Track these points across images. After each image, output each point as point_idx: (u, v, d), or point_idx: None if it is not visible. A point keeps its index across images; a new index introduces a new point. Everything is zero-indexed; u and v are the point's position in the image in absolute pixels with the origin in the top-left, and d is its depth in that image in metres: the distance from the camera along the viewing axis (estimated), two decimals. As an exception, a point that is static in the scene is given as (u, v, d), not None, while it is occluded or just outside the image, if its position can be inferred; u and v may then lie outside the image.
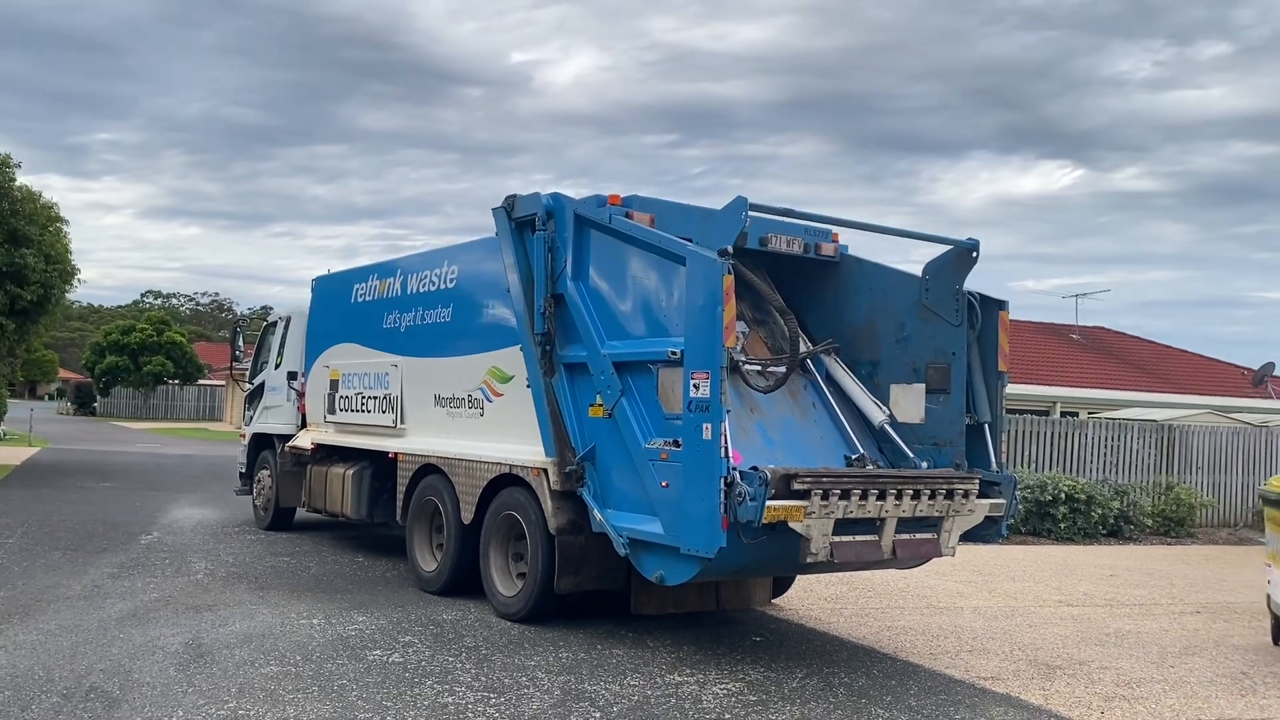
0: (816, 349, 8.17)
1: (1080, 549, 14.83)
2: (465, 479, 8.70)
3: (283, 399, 12.83)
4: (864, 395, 8.05)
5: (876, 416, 7.94)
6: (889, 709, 6.16)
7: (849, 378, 8.16)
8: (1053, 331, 31.42)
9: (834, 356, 8.23)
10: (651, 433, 6.84)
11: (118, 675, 6.15)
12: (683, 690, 6.35)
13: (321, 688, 6.05)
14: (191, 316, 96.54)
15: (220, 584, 9.18)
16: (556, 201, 7.84)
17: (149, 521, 13.29)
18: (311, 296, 12.45)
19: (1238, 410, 23.71)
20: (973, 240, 7.63)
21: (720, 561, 6.35)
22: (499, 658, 6.92)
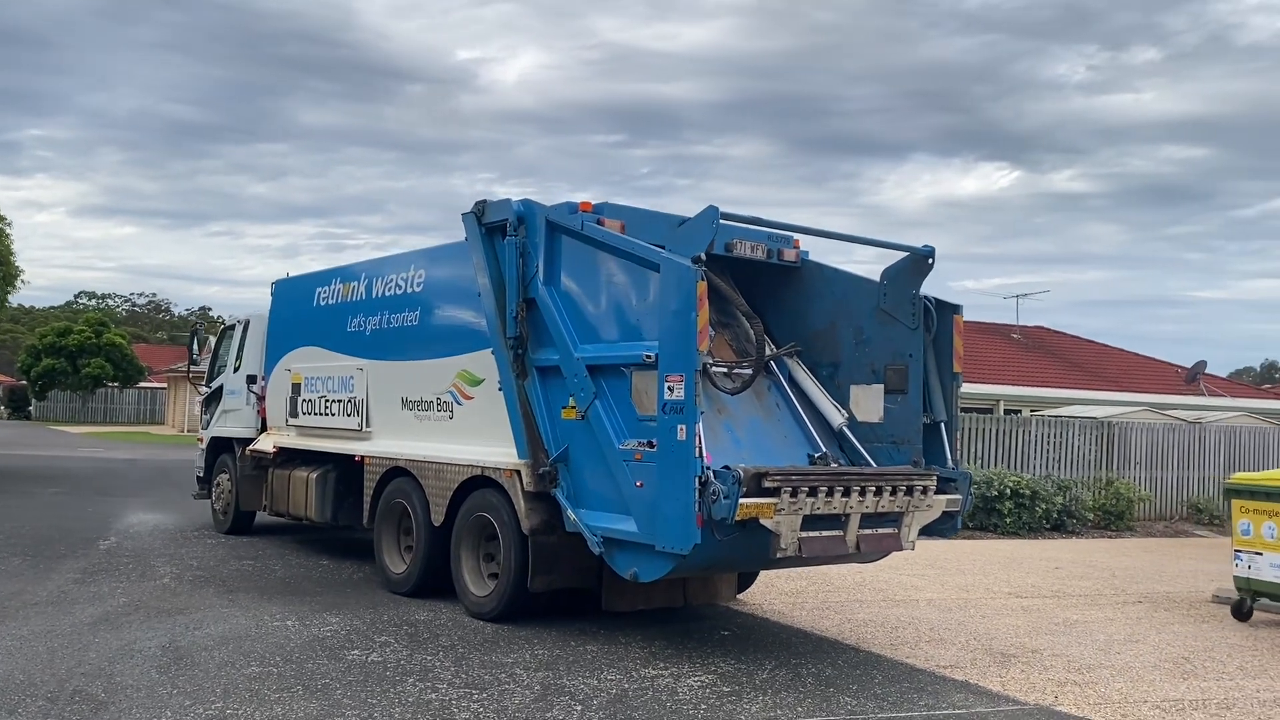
0: (780, 352, 8.44)
1: (1026, 543, 15.32)
2: (435, 481, 8.82)
3: (242, 402, 12.81)
4: (824, 398, 8.34)
5: (835, 419, 8.24)
6: (856, 697, 6.43)
7: (810, 381, 8.45)
8: (995, 331, 32.20)
9: (796, 359, 8.52)
10: (626, 434, 7.05)
11: (100, 678, 6.20)
12: (659, 683, 6.56)
13: (305, 687, 6.16)
14: (128, 317, 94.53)
15: (188, 588, 9.20)
16: (528, 207, 8.01)
17: (105, 527, 13.18)
18: (271, 300, 12.46)
19: (1172, 407, 24.53)
20: (929, 247, 7.95)
21: (694, 558, 6.58)
22: (476, 656, 7.08)
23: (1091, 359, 32.01)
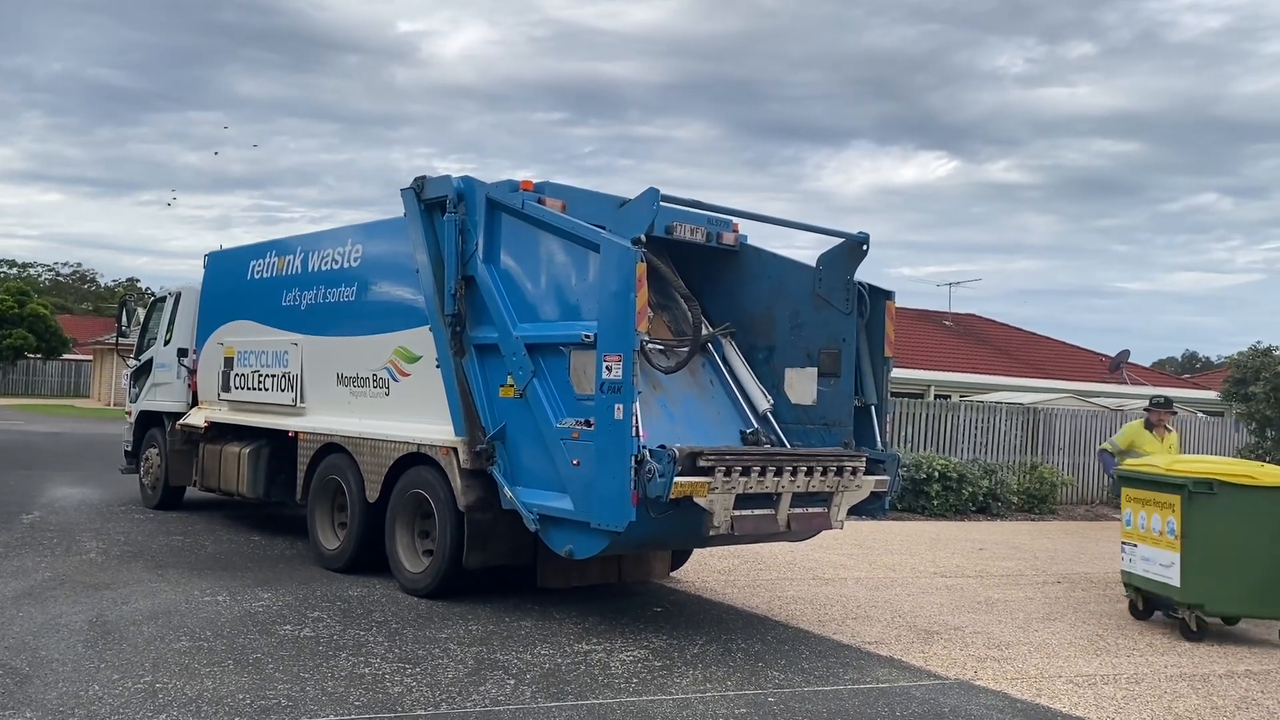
0: (715, 331, 8.57)
1: (952, 524, 15.71)
2: (370, 458, 8.79)
3: (173, 376, 12.60)
4: (753, 382, 8.51)
5: (762, 404, 8.43)
6: (784, 671, 6.59)
7: (741, 364, 8.61)
8: (927, 318, 32.81)
9: (730, 340, 8.65)
10: (563, 413, 7.10)
11: (24, 653, 6.11)
12: (591, 658, 6.66)
13: (236, 661, 6.14)
14: (52, 287, 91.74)
15: (115, 562, 9.06)
16: (468, 185, 7.99)
17: (28, 500, 12.88)
18: (204, 272, 12.25)
19: (1096, 394, 25.28)
20: (863, 234, 8.11)
21: (629, 535, 6.68)
22: (410, 631, 7.10)
23: (1020, 347, 32.78)
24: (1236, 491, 8.19)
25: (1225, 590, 8.18)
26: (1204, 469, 8.43)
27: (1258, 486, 8.16)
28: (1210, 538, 8.18)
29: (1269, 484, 8.17)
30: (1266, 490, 8.16)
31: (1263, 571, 8.13)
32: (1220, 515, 8.18)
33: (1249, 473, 8.30)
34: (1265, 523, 8.13)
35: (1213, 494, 8.19)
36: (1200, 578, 8.19)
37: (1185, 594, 8.23)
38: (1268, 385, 18.30)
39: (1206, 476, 8.25)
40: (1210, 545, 8.18)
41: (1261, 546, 8.12)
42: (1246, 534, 8.12)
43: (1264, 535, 8.12)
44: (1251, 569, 8.13)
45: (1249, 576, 8.15)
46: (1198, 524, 8.22)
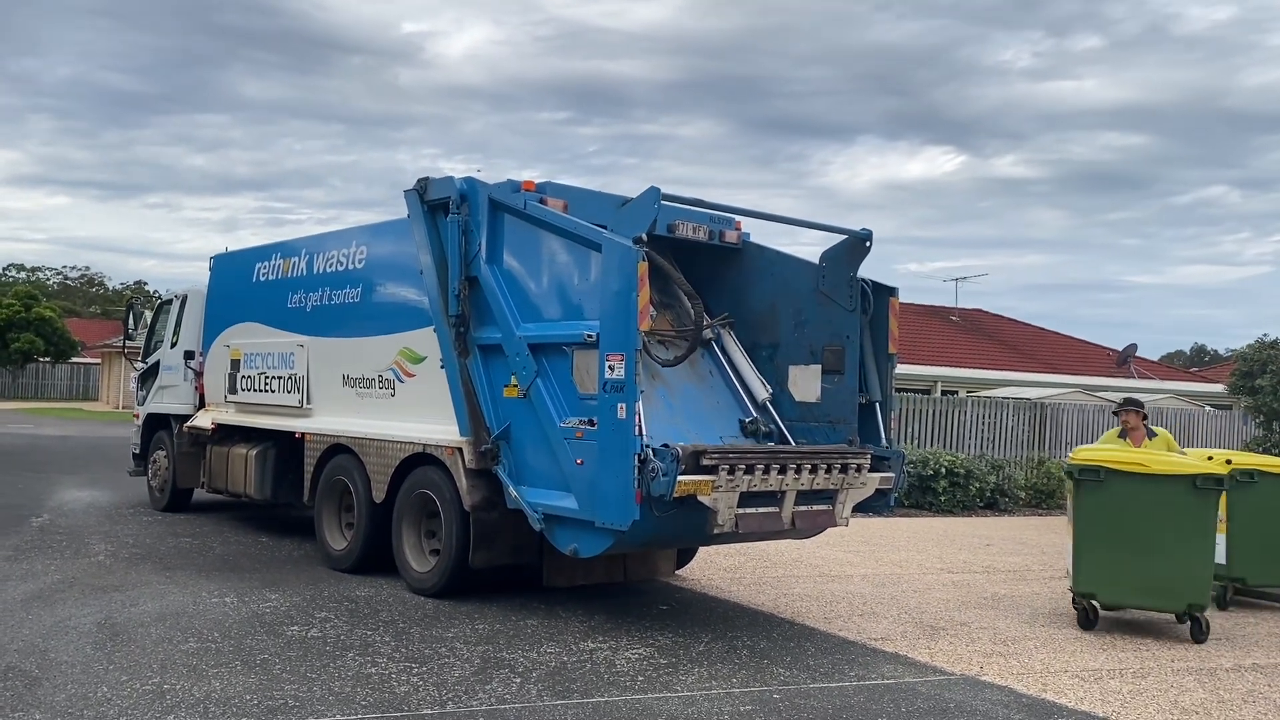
0: (714, 322, 8.59)
1: (959, 520, 15.71)
2: (377, 458, 8.82)
3: (179, 379, 12.64)
4: (752, 372, 8.56)
5: (760, 394, 8.47)
6: (789, 668, 6.60)
7: (740, 354, 8.65)
8: (934, 313, 32.76)
9: (729, 330, 8.68)
10: (566, 412, 7.13)
11: (33, 655, 6.16)
12: (597, 656, 6.68)
13: (244, 662, 6.18)
14: (60, 291, 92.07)
15: (124, 565, 9.11)
16: (470, 185, 8.02)
17: (37, 504, 12.95)
18: (210, 275, 12.29)
19: (1103, 389, 25.20)
20: (866, 231, 8.11)
21: (633, 534, 6.70)
22: (417, 630, 7.13)
23: (1027, 341, 32.71)
24: (1125, 480, 7.89)
25: (1117, 580, 7.97)
26: (1092, 455, 8.16)
27: (1148, 475, 7.85)
28: (1100, 526, 7.97)
29: (1160, 472, 7.85)
30: (1156, 479, 7.84)
31: (1155, 562, 7.86)
32: (1109, 503, 7.92)
33: (1139, 460, 7.99)
34: (1156, 512, 7.83)
35: (1100, 481, 7.95)
36: (1092, 567, 8.04)
37: (1078, 584, 8.13)
38: (1275, 378, 18.26)
39: (1094, 464, 7.98)
40: (1100, 534, 7.98)
41: (1153, 536, 7.86)
42: (1136, 523, 7.87)
43: (1155, 525, 7.84)
44: (1143, 559, 7.87)
45: (1141, 567, 7.89)
46: (1086, 512, 8.03)
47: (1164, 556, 7.82)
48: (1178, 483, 7.80)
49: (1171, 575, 7.83)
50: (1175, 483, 7.80)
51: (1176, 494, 7.79)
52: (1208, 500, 7.82)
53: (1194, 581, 7.85)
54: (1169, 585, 7.85)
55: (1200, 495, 7.78)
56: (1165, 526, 7.82)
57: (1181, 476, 7.81)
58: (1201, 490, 7.78)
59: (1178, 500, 7.79)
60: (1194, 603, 7.85)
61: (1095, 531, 8.01)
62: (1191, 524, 7.81)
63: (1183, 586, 7.83)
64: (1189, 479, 7.79)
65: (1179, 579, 7.83)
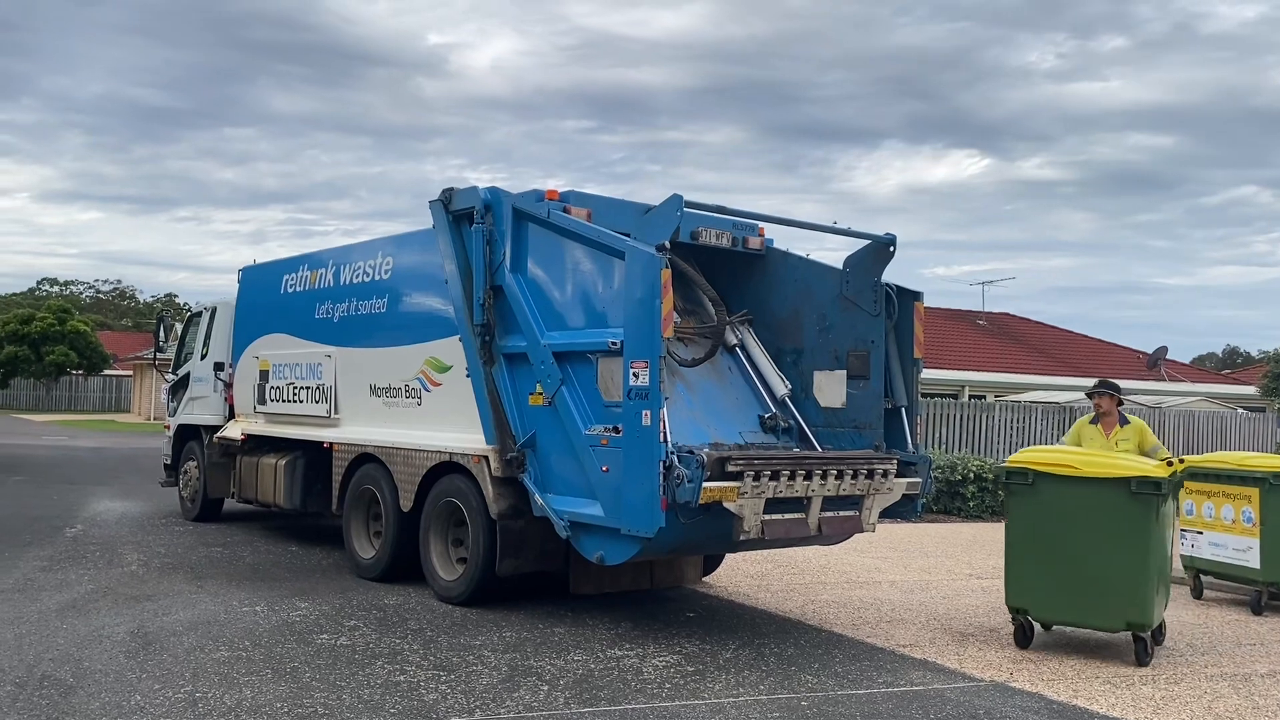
0: (732, 319, 8.58)
1: (988, 526, 15.58)
2: (404, 467, 8.88)
3: (209, 390, 12.78)
4: (771, 369, 8.57)
5: (780, 389, 8.48)
6: (817, 675, 6.58)
7: (759, 350, 8.66)
8: (961, 317, 32.58)
9: (748, 327, 8.71)
10: (592, 420, 7.15)
11: (68, 664, 6.24)
12: (624, 663, 6.68)
13: (274, 670, 6.23)
14: (92, 304, 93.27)
15: (156, 574, 9.21)
16: (494, 195, 8.07)
17: (70, 515, 13.13)
18: (239, 287, 12.44)
19: (1133, 392, 24.96)
20: (890, 235, 8.09)
21: (659, 541, 6.70)
22: (445, 639, 7.17)
23: (1055, 344, 32.46)
24: (1055, 483, 7.20)
25: (1050, 594, 7.26)
26: (1021, 457, 7.51)
27: (1079, 478, 7.12)
28: (1031, 535, 7.33)
29: (1092, 475, 7.10)
30: (1088, 482, 7.10)
31: (1089, 575, 7.10)
32: (1039, 510, 7.29)
33: (1069, 461, 7.25)
34: (1089, 519, 7.10)
35: (1030, 485, 7.28)
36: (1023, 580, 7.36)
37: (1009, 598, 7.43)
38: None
39: (1023, 466, 7.36)
40: (1031, 543, 7.32)
41: (1086, 546, 7.10)
42: (1067, 531, 7.16)
43: (1088, 533, 7.09)
44: (1076, 572, 7.14)
45: (1074, 580, 7.16)
46: (1015, 519, 7.44)
47: (1098, 569, 7.05)
48: (1112, 487, 7.01)
49: (1107, 590, 7.05)
50: (1109, 487, 7.02)
51: (1111, 499, 7.00)
52: (1146, 506, 6.95)
53: (1133, 597, 7.00)
54: (1105, 601, 7.06)
55: (1137, 501, 6.94)
56: (1099, 536, 7.05)
57: (1116, 480, 7.01)
58: (1138, 495, 6.95)
59: (1112, 506, 7.00)
60: (1134, 621, 7.02)
61: (1026, 541, 7.35)
62: (1128, 533, 6.98)
63: (1120, 602, 7.02)
64: (1124, 482, 6.98)
65: (1115, 594, 7.03)
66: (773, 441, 8.19)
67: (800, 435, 8.36)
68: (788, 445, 8.23)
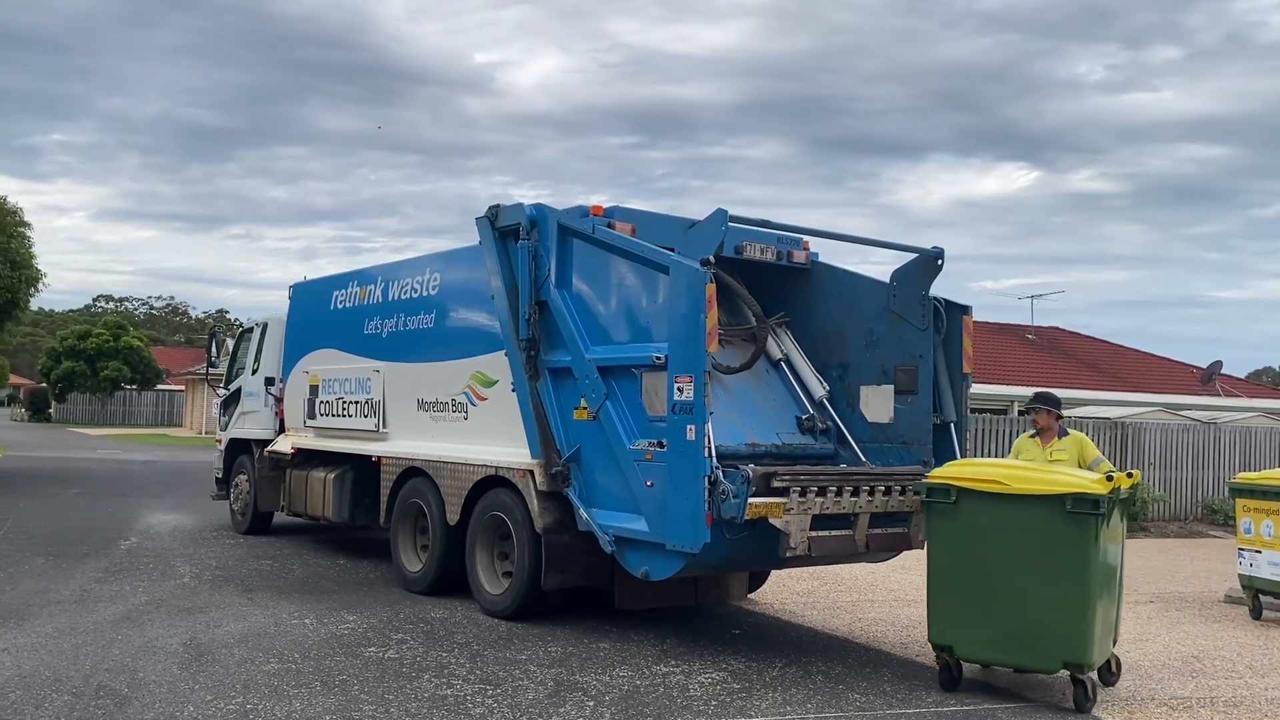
0: (770, 322, 8.55)
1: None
2: (451, 481, 8.94)
3: (260, 404, 12.97)
4: (809, 370, 8.56)
5: (818, 391, 8.46)
6: (865, 694, 6.51)
7: (798, 353, 8.65)
8: (1009, 332, 32.15)
9: (785, 329, 8.71)
10: (636, 434, 7.16)
11: (123, 674, 6.35)
12: (670, 680, 6.66)
13: (323, 683, 6.29)
14: (146, 320, 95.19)
15: (208, 587, 9.35)
16: (540, 212, 8.12)
17: (125, 527, 13.37)
18: (289, 303, 12.63)
19: (1188, 408, 24.47)
20: (938, 249, 8.03)
21: (704, 557, 6.68)
22: (491, 653, 7.19)
23: (1105, 359, 31.91)
24: (981, 502, 6.33)
25: (976, 629, 6.42)
26: (944, 472, 6.70)
27: (1007, 495, 6.26)
28: (955, 560, 6.49)
29: (1022, 491, 6.23)
30: (1018, 501, 6.23)
31: (1018, 607, 6.26)
32: (964, 532, 6.43)
33: (997, 477, 6.38)
34: (1019, 542, 6.24)
35: (953, 504, 6.44)
36: (947, 613, 6.55)
37: (931, 633, 6.66)
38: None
39: (945, 482, 6.53)
40: (955, 570, 6.50)
41: (1015, 573, 6.25)
42: (995, 556, 6.32)
43: (1018, 559, 6.23)
44: (1004, 603, 6.32)
45: (1002, 613, 6.34)
46: (937, 542, 6.63)
47: (1029, 600, 6.20)
48: (1044, 505, 6.12)
49: (1039, 624, 6.17)
50: (1041, 505, 6.13)
51: (1043, 520, 6.12)
52: (1083, 528, 6.04)
53: (1068, 633, 6.11)
54: (1037, 637, 6.20)
55: (1074, 521, 6.04)
56: (1031, 561, 6.18)
57: (1048, 497, 6.12)
58: (1074, 515, 6.04)
59: (1045, 528, 6.13)
60: (1072, 660, 6.13)
61: (949, 567, 6.49)
62: (1063, 558, 6.09)
63: (1054, 639, 6.15)
64: (1058, 500, 6.10)
65: (1048, 629, 6.16)
66: (810, 443, 8.18)
67: (839, 437, 8.32)
68: (825, 446, 8.20)
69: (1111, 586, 6.49)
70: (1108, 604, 6.42)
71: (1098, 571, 6.14)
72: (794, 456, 8.00)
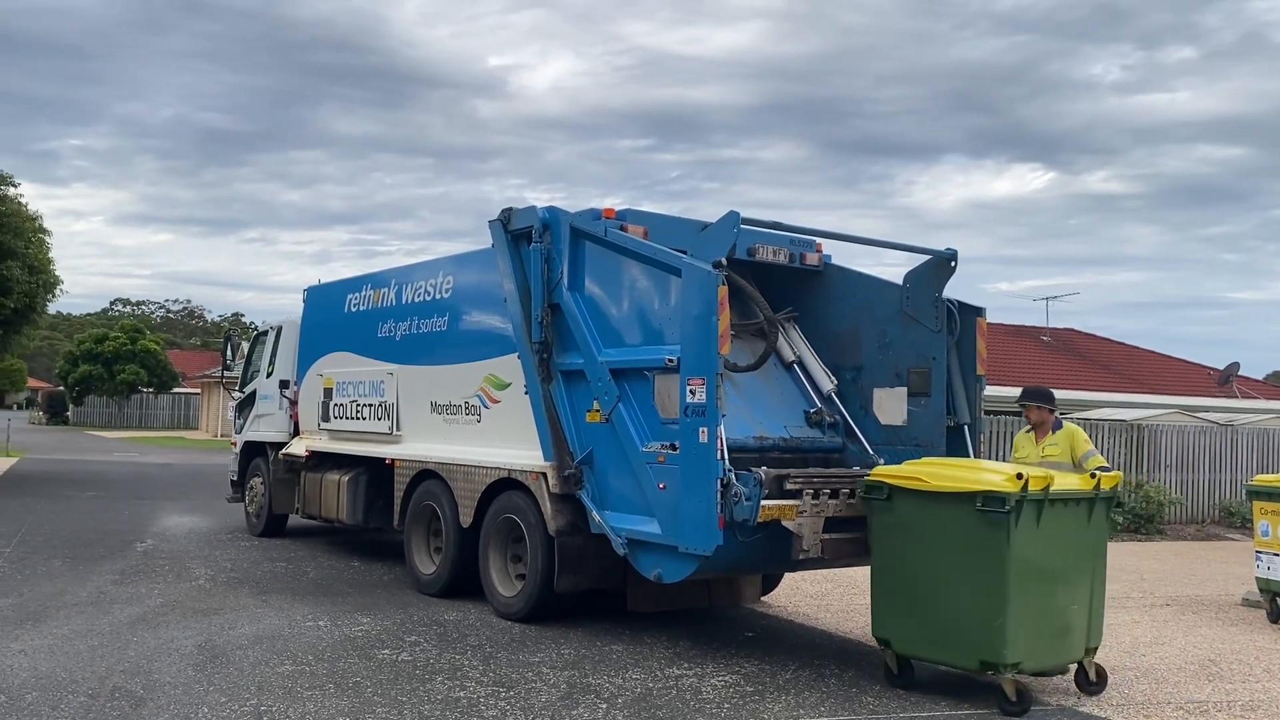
0: (778, 316, 8.52)
1: (1054, 546, 15.23)
2: (464, 484, 8.96)
3: (275, 407, 13.03)
4: (817, 364, 8.53)
5: (826, 385, 8.44)
6: (878, 697, 6.49)
7: (806, 347, 8.62)
8: (1024, 334, 32.01)
9: (793, 324, 8.69)
10: (649, 437, 7.16)
11: (139, 676, 6.38)
12: (683, 683, 6.65)
13: (337, 685, 6.31)
14: (163, 324, 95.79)
15: (222, 589, 9.39)
16: (552, 215, 8.14)
17: (141, 529, 13.45)
18: (304, 306, 12.68)
19: (1204, 409, 24.31)
20: (951, 250, 8.00)
21: (717, 559, 6.67)
22: (504, 655, 7.20)
23: (1121, 360, 31.73)
24: (908, 499, 6.40)
25: (908, 624, 6.49)
26: (883, 470, 6.80)
27: (928, 493, 6.30)
28: (890, 556, 6.60)
29: (940, 489, 6.25)
30: (937, 499, 6.25)
31: (941, 604, 6.32)
32: (896, 528, 6.50)
33: (918, 475, 6.45)
34: (940, 539, 6.28)
35: (886, 501, 6.51)
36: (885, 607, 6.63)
37: (874, 627, 6.73)
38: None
39: (879, 480, 6.61)
40: (890, 566, 6.61)
41: (937, 570, 6.31)
42: (921, 553, 6.38)
43: (939, 556, 6.28)
44: (929, 600, 6.38)
45: (927, 609, 6.40)
46: (876, 538, 6.71)
47: (950, 597, 6.24)
48: (959, 504, 6.14)
49: (960, 622, 6.20)
50: (956, 504, 6.15)
51: (960, 518, 6.15)
52: (995, 526, 6.01)
53: (983, 632, 6.08)
54: (958, 634, 6.22)
55: (987, 520, 6.03)
56: (951, 558, 6.22)
57: (963, 495, 6.12)
58: (986, 514, 6.02)
59: (961, 526, 6.15)
60: (988, 660, 6.10)
61: (886, 563, 6.61)
62: (979, 556, 6.09)
63: (973, 637, 6.14)
64: (970, 499, 6.09)
65: (967, 627, 6.17)
66: (819, 436, 8.18)
67: (846, 431, 8.30)
68: (834, 440, 8.21)
69: (1051, 588, 6.30)
70: (1041, 606, 6.25)
71: (1017, 571, 6.04)
72: (801, 450, 8.00)
